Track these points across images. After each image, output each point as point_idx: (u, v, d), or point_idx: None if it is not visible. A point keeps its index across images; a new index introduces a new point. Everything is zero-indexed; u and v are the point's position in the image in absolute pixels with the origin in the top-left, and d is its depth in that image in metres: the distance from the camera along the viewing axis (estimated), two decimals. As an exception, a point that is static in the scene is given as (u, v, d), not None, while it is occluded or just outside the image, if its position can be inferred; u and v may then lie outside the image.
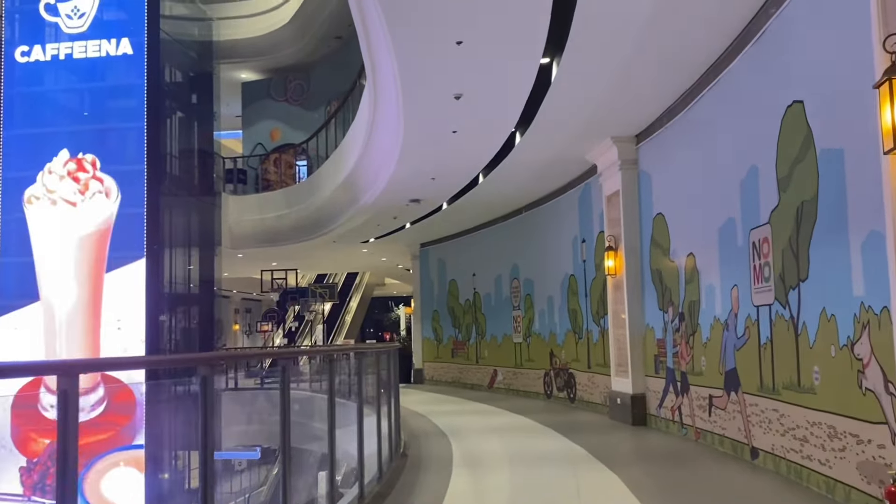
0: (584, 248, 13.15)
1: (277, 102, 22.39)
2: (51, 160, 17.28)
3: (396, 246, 21.59)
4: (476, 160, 12.12)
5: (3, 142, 17.55)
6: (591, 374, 12.93)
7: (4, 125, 17.51)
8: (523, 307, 16.16)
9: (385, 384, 8.51)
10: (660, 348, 10.16)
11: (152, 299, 16.89)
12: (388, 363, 9.31)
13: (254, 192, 21.90)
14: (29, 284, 16.44)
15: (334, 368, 6.92)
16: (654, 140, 10.24)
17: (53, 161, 16.52)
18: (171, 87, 18.97)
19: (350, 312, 33.58)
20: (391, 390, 8.94)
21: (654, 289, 10.31)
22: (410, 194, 14.48)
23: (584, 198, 13.07)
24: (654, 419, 10.37)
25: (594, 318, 12.74)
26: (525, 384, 16.03)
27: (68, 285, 16.59)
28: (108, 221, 16.85)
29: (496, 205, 15.85)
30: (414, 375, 21.44)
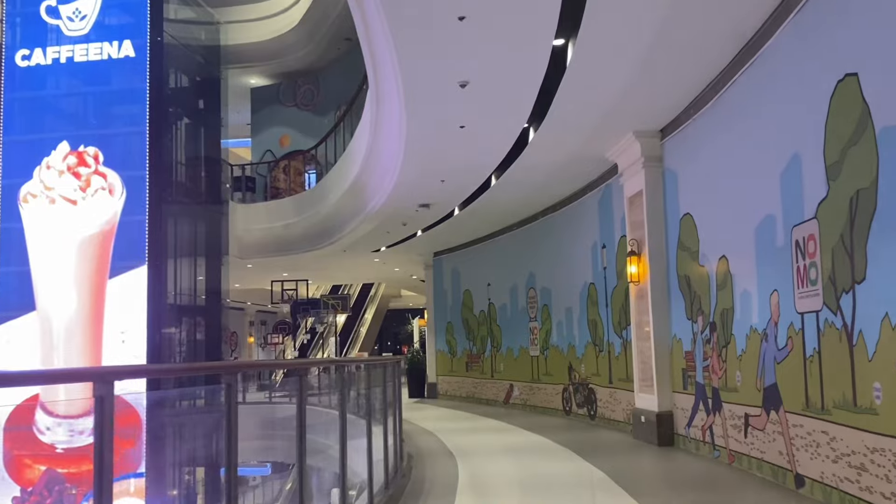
0: (604, 254, 12.29)
1: (287, 108, 21.75)
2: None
3: (409, 255, 20.82)
4: (487, 160, 11.32)
5: (3, 147, 17.00)
6: (613, 390, 12.04)
7: (4, 130, 16.96)
8: (540, 318, 15.29)
9: (382, 400, 7.70)
10: (688, 362, 9.27)
11: (154, 310, 16.21)
12: (388, 378, 8.51)
13: (263, 200, 21.25)
14: (26, 293, 15.82)
15: (345, 381, 6.46)
16: (681, 134, 9.39)
17: (52, 155, 15.79)
18: (176, 92, 18.38)
19: (365, 325, 32.84)
20: (389, 407, 8.12)
21: (681, 296, 9.43)
22: (419, 199, 13.69)
23: (604, 200, 12.22)
24: (683, 439, 9.46)
25: (616, 330, 11.87)
26: (542, 400, 15.14)
27: (67, 293, 15.89)
28: (111, 222, 16.07)
29: (511, 210, 15.03)
30: (428, 390, 20.60)
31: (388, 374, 8.77)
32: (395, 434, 9.21)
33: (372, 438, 6.64)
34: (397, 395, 9.77)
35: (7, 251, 16.01)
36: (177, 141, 18.15)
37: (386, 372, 8.98)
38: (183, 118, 18.75)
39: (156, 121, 16.39)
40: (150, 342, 15.95)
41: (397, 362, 10.37)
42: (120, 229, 16.31)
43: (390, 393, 8.75)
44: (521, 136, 10.26)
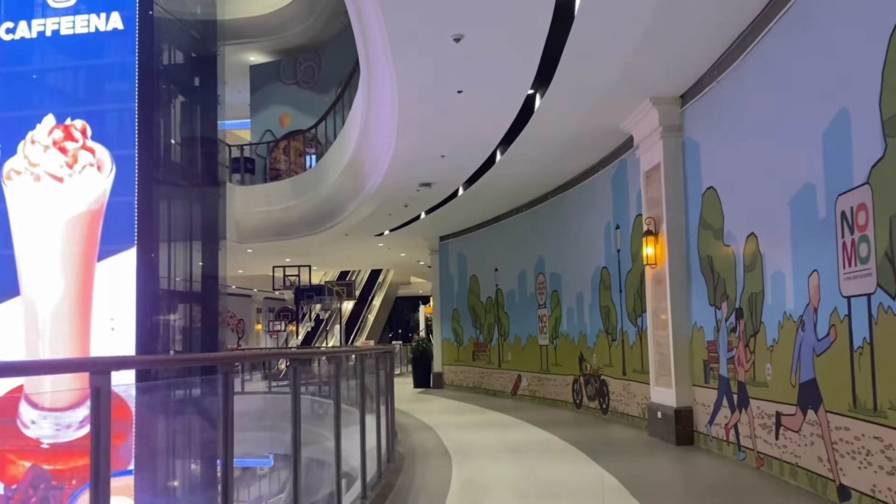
0: (618, 235, 11.34)
1: (287, 86, 20.84)
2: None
3: (414, 240, 19.92)
4: (490, 131, 10.36)
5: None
6: (627, 382, 11.11)
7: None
8: (549, 305, 14.36)
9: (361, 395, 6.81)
10: (711, 352, 8.33)
11: (144, 297, 15.41)
12: (377, 370, 7.65)
13: (262, 182, 20.40)
14: (9, 278, 15.06)
15: (341, 371, 6.19)
16: (704, 99, 8.42)
17: (37, 129, 14.93)
18: (170, 68, 17.50)
19: (373, 312, 32.03)
20: (381, 397, 7.26)
21: (703, 280, 8.48)
22: (420, 177, 12.77)
23: (618, 177, 11.26)
24: (704, 438, 8.53)
25: (630, 317, 10.93)
26: (552, 392, 14.23)
27: (53, 277, 15.09)
28: (100, 200, 15.20)
29: (518, 190, 14.08)
30: (433, 380, 19.74)
31: (376, 366, 7.92)
32: (387, 429, 8.36)
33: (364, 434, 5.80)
34: (388, 387, 8.90)
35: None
36: (171, 119, 17.31)
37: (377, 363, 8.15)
38: (177, 96, 17.89)
39: (145, 97, 15.54)
40: (139, 330, 15.17)
41: (387, 352, 9.49)
42: (108, 210, 15.53)
43: (379, 386, 7.89)
44: (526, 104, 9.31)
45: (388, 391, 8.95)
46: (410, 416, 12.75)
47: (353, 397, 6.65)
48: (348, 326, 30.38)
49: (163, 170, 16.62)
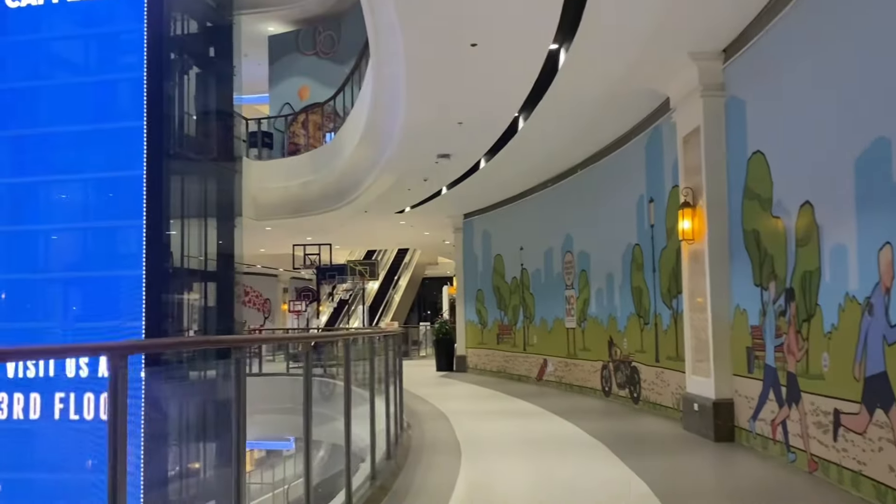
0: (652, 209, 10.36)
1: (306, 56, 20.02)
2: (49, 116, 15.37)
3: (437, 217, 19.05)
4: (509, 92, 9.40)
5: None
6: (660, 370, 10.16)
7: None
8: (577, 286, 13.42)
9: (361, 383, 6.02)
10: (755, 338, 7.37)
11: (154, 275, 14.77)
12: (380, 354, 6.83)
13: (280, 157, 19.65)
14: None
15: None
16: (750, 52, 7.40)
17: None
18: (183, 38, 16.74)
19: (398, 292, 31.25)
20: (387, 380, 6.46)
21: (747, 257, 7.50)
22: (437, 147, 11.87)
23: (652, 144, 10.26)
24: (746, 434, 7.59)
25: (664, 299, 9.96)
26: (579, 378, 13.31)
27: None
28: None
29: (544, 162, 13.11)
30: (456, 363, 18.91)
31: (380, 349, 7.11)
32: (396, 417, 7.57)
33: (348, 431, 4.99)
34: (394, 373, 8.09)
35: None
36: (184, 91, 16.59)
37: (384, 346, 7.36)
38: (192, 67, 17.17)
39: (154, 66, 14.82)
40: (148, 309, 14.53)
41: (396, 335, 8.69)
42: (115, 184, 14.90)
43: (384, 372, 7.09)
44: (549, 61, 8.35)
45: (394, 378, 8.15)
46: (426, 403, 11.95)
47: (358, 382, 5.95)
48: (373, 307, 29.64)
49: (176, 143, 15.92)
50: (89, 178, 15.04)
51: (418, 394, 13.33)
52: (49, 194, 15.22)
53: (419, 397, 12.79)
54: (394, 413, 8.13)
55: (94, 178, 15.03)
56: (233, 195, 17.53)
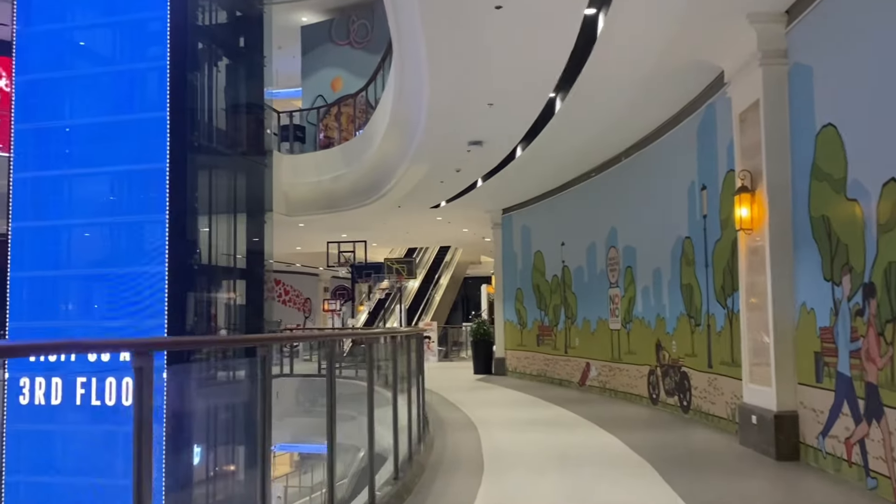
0: (704, 197, 9.33)
1: (340, 47, 19.32)
2: (73, 108, 14.96)
3: (475, 212, 18.17)
4: (543, 66, 8.44)
5: (16, 88, 15.28)
6: (713, 376, 9.13)
7: (17, 69, 15.20)
8: (622, 283, 12.41)
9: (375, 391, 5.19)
10: (825, 342, 6.34)
11: (177, 271, 14.16)
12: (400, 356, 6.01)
13: (313, 151, 18.99)
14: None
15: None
16: (819, 11, 6.38)
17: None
18: (213, 28, 16.19)
19: (439, 292, 30.40)
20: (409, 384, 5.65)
21: (815, 247, 6.47)
22: (467, 133, 11.00)
23: (705, 126, 9.23)
24: (814, 453, 6.56)
25: (718, 297, 8.94)
26: (624, 383, 12.30)
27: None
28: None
29: (586, 150, 12.14)
30: (495, 365, 18.00)
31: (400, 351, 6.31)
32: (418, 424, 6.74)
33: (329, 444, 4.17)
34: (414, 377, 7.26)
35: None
36: (212, 83, 16.01)
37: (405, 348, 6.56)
38: (221, 58, 16.59)
39: (178, 56, 14.20)
40: (170, 307, 13.93)
41: (415, 335, 7.86)
42: (137, 178, 14.35)
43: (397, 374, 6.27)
44: (585, 29, 7.42)
45: (413, 382, 7.32)
46: (457, 410, 11.08)
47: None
48: (412, 307, 28.87)
49: (202, 136, 15.35)
50: (112, 171, 14.54)
51: (451, 399, 12.48)
52: (71, 188, 14.76)
53: (451, 404, 11.94)
54: (414, 420, 7.31)
55: (117, 172, 14.52)
56: (263, 190, 16.92)
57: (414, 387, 7.80)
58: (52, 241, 14.78)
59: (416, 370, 7.88)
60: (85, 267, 14.56)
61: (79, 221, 14.50)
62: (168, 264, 13.98)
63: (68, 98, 14.91)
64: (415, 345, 7.98)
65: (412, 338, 7.86)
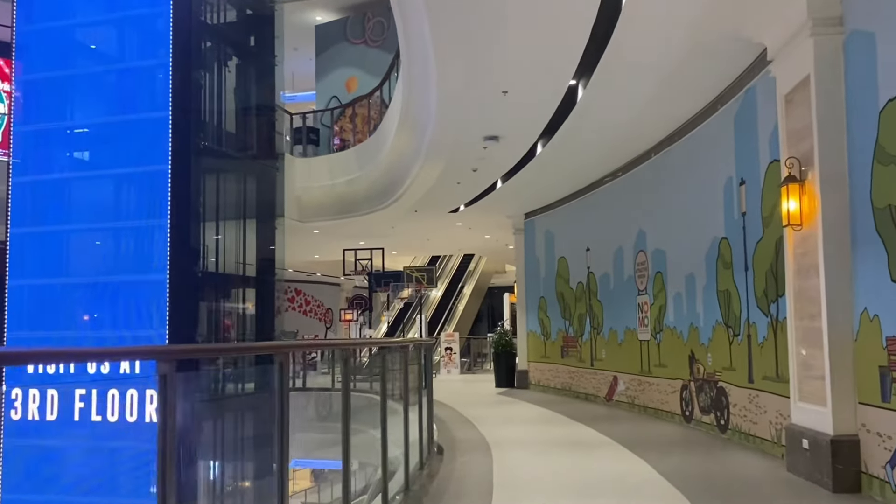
0: (743, 193, 8.39)
1: (355, 46, 18.61)
2: (73, 111, 14.44)
3: (496, 217, 17.31)
4: (561, 46, 7.57)
5: (16, 88, 14.74)
6: (755, 392, 8.16)
7: (17, 69, 14.65)
8: (651, 290, 11.46)
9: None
10: (892, 354, 5.39)
11: (180, 279, 13.44)
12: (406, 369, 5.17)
13: (327, 153, 18.27)
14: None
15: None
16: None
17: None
18: (222, 27, 15.51)
19: (462, 301, 29.51)
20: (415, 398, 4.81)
21: (880, 243, 5.52)
22: (482, 126, 10.16)
23: (744, 113, 8.30)
24: (880, 485, 5.59)
25: (760, 304, 7.97)
26: (654, 399, 11.33)
27: None
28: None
29: (612, 146, 11.24)
30: (517, 379, 17.06)
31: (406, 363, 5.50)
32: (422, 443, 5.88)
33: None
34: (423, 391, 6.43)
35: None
36: (221, 83, 15.35)
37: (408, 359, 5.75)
38: (231, 58, 15.94)
39: (182, 54, 13.54)
40: (173, 316, 13.22)
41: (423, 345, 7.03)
42: (137, 180, 13.69)
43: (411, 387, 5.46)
44: (605, 3, 6.55)
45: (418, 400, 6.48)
46: (472, 428, 10.20)
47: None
48: (435, 317, 28.02)
49: (211, 138, 14.67)
50: (114, 174, 13.90)
51: (467, 416, 11.60)
52: (71, 192, 14.15)
53: (467, 421, 11.06)
54: (415, 443, 6.46)
55: (118, 175, 13.88)
56: (274, 195, 16.21)
57: (415, 406, 6.97)
58: (52, 248, 14.14)
59: (417, 386, 7.04)
60: (85, 275, 13.91)
61: (79, 227, 13.87)
62: (170, 272, 13.26)
63: (69, 98, 14.34)
64: (417, 357, 7.14)
65: (406, 349, 7.02)
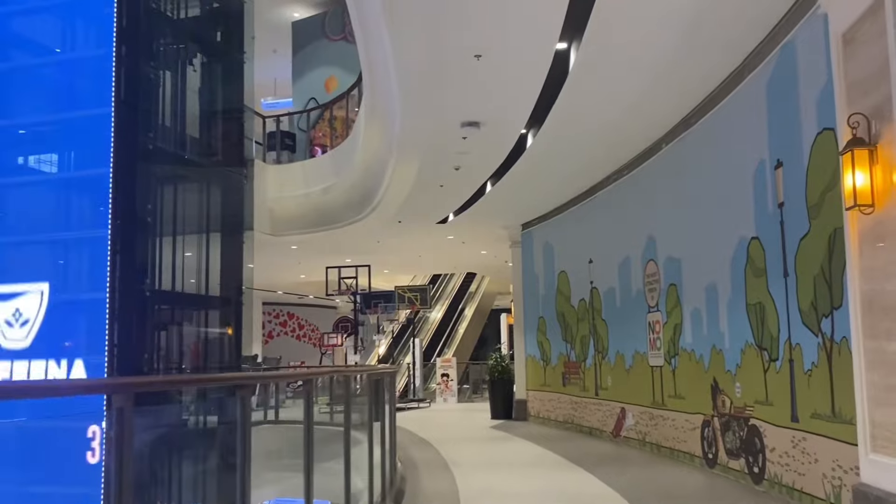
0: (779, 178, 6.59)
1: (334, 43, 16.99)
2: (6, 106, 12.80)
3: (491, 228, 15.55)
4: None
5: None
6: (801, 435, 6.31)
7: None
8: (664, 306, 9.62)
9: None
10: None
11: (123, 299, 11.68)
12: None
13: (303, 160, 16.60)
14: None
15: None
16: None
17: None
18: (185, 21, 13.96)
19: (463, 324, 27.66)
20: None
21: None
22: (458, 107, 8.41)
23: (779, 75, 6.54)
24: None
25: (806, 319, 6.15)
26: (669, 437, 9.46)
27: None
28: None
29: (616, 135, 9.47)
30: (516, 409, 15.18)
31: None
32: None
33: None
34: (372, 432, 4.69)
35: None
36: (180, 80, 13.71)
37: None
38: (195, 54, 14.32)
39: (128, 42, 11.91)
40: (112, 343, 11.45)
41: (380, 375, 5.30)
42: (76, 187, 12.02)
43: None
44: None
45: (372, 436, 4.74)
46: (448, 475, 8.38)
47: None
48: (433, 341, 26.20)
49: (166, 140, 12.99)
50: (51, 178, 12.23)
51: (449, 457, 9.78)
52: (4, 200, 12.49)
53: (447, 464, 9.24)
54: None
55: (55, 180, 12.21)
56: (242, 205, 14.46)
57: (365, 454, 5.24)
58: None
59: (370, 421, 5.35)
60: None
61: (8, 240, 12.18)
62: (111, 290, 11.50)
63: (3, 95, 12.71)
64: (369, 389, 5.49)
65: (349, 380, 5.28)
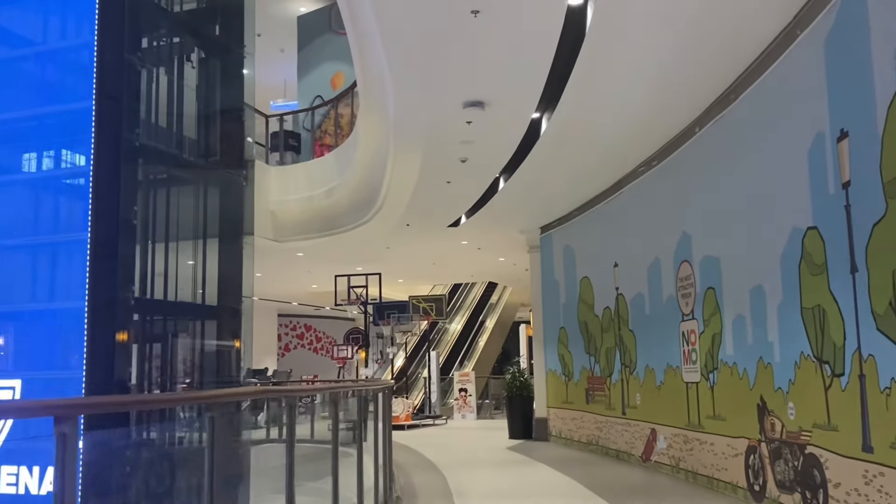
0: (843, 153, 5.40)
1: (340, 37, 15.99)
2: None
3: (507, 232, 14.42)
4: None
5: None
6: (877, 469, 5.08)
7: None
8: (701, 314, 8.40)
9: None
10: None
11: (104, 308, 10.67)
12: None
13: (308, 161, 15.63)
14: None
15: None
16: None
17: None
18: (181, 14, 13.07)
19: (484, 336, 26.44)
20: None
21: None
22: (455, 87, 7.30)
23: (842, 29, 5.35)
24: None
25: (882, 324, 4.94)
26: (707, 463, 8.21)
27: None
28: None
29: (642, 118, 8.31)
30: (536, 428, 13.96)
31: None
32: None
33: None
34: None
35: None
36: (174, 77, 12.79)
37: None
38: (192, 51, 13.42)
39: (111, 31, 11.00)
40: (92, 357, 10.44)
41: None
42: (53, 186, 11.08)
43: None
44: None
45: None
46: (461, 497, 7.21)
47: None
48: (452, 353, 25.04)
49: (157, 138, 12.04)
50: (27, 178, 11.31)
51: (456, 486, 8.62)
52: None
53: (452, 494, 8.07)
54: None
55: (32, 179, 11.29)
56: (241, 208, 13.44)
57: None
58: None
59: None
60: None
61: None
62: (90, 298, 10.49)
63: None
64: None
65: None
